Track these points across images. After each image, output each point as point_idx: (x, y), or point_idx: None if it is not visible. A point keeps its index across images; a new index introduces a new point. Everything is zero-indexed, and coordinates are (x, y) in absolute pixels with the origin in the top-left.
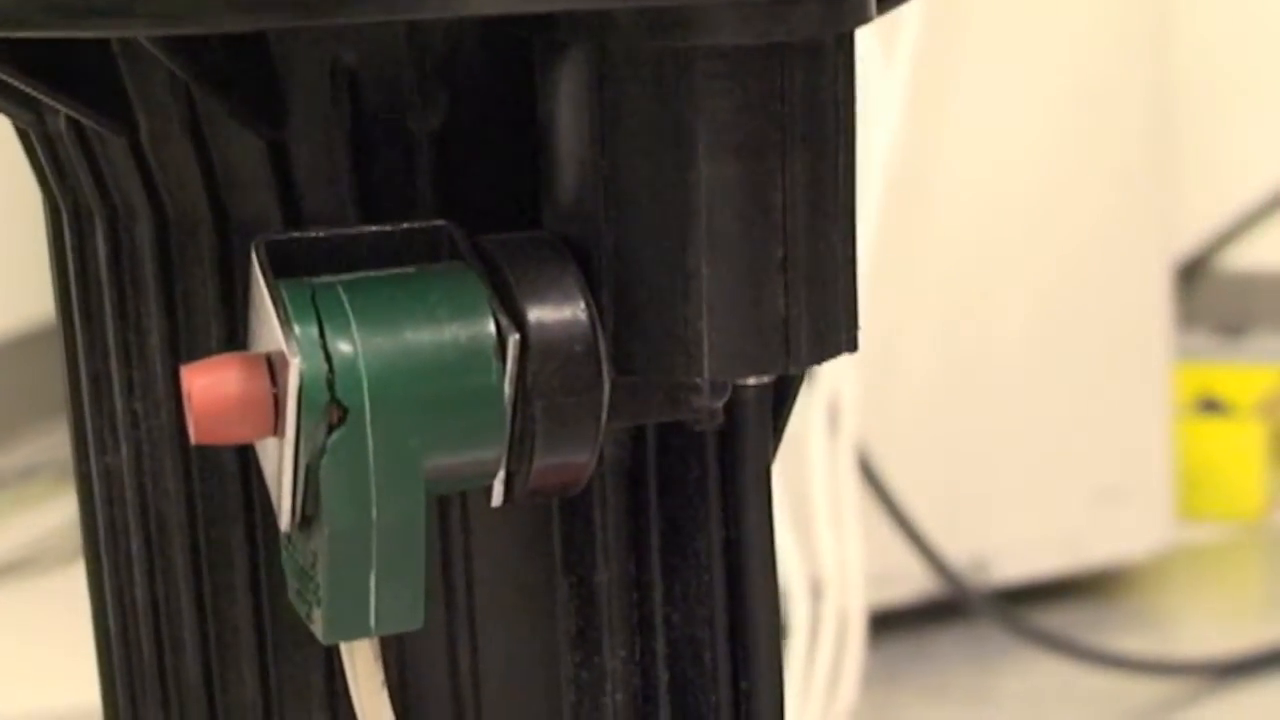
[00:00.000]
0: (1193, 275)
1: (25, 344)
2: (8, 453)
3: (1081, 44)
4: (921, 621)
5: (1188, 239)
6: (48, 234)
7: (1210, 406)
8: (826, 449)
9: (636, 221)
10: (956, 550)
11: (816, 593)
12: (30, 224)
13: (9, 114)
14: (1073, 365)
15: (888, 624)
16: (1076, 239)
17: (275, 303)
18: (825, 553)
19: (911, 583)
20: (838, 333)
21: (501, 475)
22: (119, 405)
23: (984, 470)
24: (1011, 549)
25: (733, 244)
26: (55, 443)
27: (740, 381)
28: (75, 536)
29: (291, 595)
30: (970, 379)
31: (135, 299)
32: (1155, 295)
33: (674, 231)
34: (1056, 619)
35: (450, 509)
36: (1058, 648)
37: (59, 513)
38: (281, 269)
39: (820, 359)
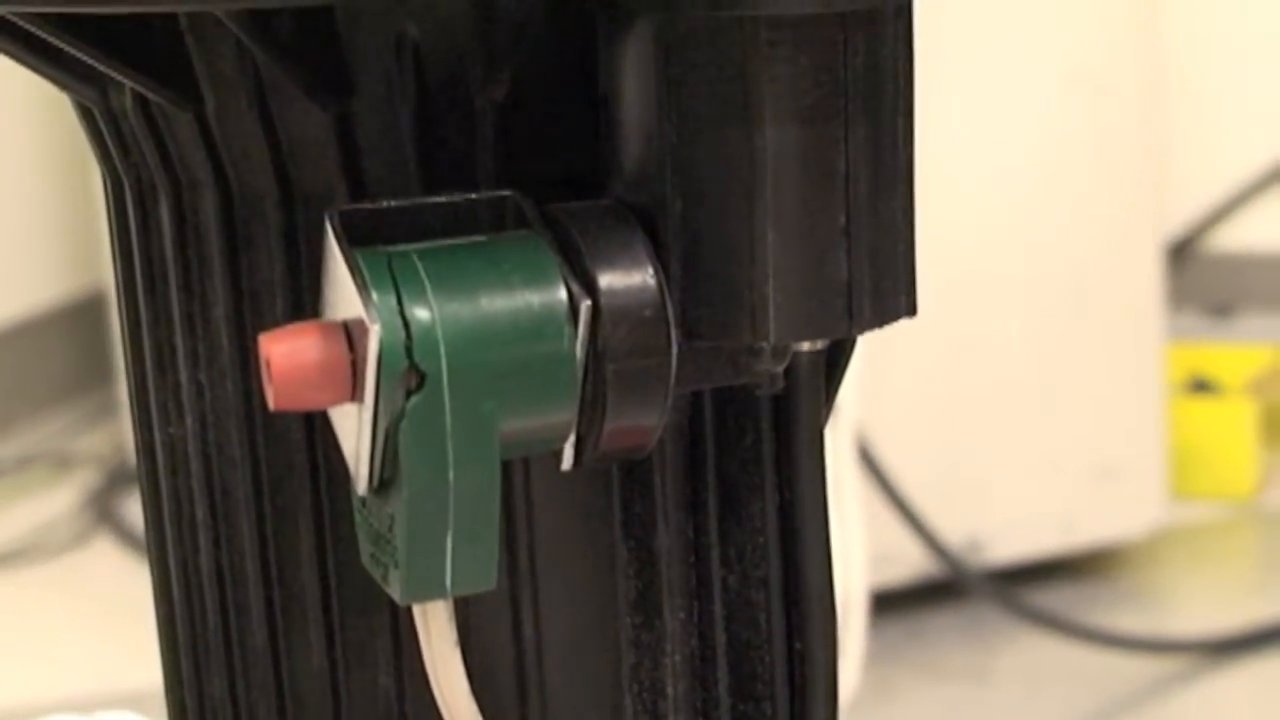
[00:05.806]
0: (1182, 256)
1: (21, 333)
2: (4, 442)
3: (1073, 25)
4: (919, 602)
5: (1177, 220)
6: (108, 209)
7: (1201, 387)
8: (826, 434)
9: (702, 189)
10: (953, 531)
11: None
12: (24, 216)
13: (73, 91)
14: (1066, 347)
15: (886, 604)
16: (1068, 221)
17: (352, 271)
18: None
19: (909, 564)
20: (897, 296)
21: (572, 439)
22: (184, 376)
23: (979, 452)
24: (1007, 529)
25: (797, 209)
26: (52, 432)
27: (796, 346)
28: (72, 526)
29: (365, 559)
30: (964, 362)
31: (200, 271)
32: (1146, 277)
33: (739, 198)
34: (1052, 598)
35: (513, 477)
36: (1053, 626)
37: (56, 502)
38: (354, 239)
39: (881, 322)
